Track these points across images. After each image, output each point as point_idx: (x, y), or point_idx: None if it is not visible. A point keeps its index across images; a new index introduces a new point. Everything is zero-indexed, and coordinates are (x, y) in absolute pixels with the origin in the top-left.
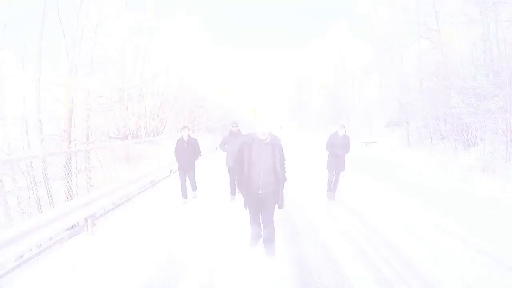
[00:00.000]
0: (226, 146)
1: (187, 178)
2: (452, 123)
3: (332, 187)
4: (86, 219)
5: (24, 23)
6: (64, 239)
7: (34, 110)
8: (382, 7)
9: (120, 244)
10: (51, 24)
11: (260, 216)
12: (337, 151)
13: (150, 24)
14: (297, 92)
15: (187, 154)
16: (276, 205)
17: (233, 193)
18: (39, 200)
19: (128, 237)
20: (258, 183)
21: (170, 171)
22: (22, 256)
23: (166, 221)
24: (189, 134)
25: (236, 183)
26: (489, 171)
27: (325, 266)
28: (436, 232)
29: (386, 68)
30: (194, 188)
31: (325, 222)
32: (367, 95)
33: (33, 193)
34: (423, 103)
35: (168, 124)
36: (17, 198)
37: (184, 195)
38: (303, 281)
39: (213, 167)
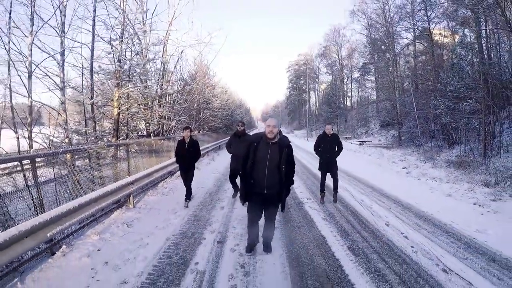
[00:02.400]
0: (231, 147)
1: (185, 181)
2: (435, 123)
3: (324, 188)
4: (128, 195)
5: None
6: (114, 208)
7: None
8: (378, 10)
9: (153, 212)
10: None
11: (263, 213)
12: (328, 155)
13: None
14: (296, 92)
15: (188, 155)
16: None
17: (236, 192)
18: (94, 179)
19: (159, 207)
20: (263, 183)
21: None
22: (93, 216)
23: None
24: (190, 136)
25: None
26: (463, 165)
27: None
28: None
29: (382, 70)
30: (188, 196)
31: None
32: (364, 96)
33: (91, 174)
34: (414, 104)
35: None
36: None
37: (188, 197)
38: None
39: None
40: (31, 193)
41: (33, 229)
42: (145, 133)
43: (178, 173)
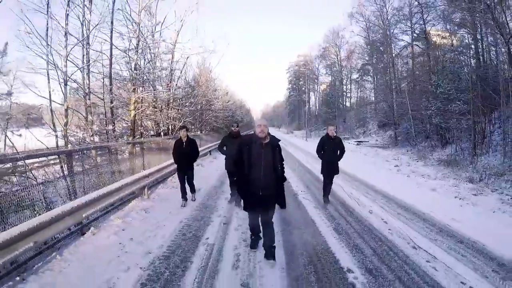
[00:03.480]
0: (225, 148)
1: (186, 180)
2: (430, 124)
3: (327, 191)
4: (143, 187)
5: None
6: (131, 198)
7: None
8: (376, 13)
9: (165, 202)
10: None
11: (260, 218)
12: (331, 158)
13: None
14: (296, 93)
15: (186, 155)
16: (277, 206)
17: (233, 194)
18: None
19: (170, 198)
20: (259, 184)
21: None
22: (112, 205)
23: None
24: (187, 135)
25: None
26: (453, 163)
27: None
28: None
29: (380, 71)
30: (192, 190)
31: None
32: (363, 97)
33: (110, 168)
34: (409, 106)
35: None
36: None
37: (184, 197)
38: None
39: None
40: (66, 182)
41: (72, 210)
42: (151, 133)
43: None
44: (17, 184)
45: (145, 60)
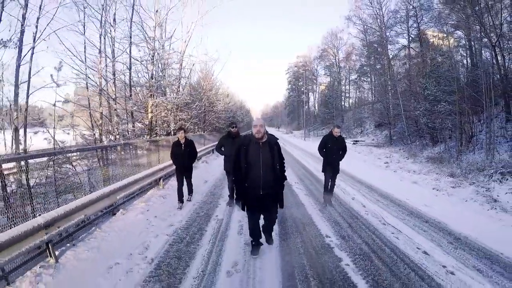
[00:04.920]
0: (223, 149)
1: (185, 181)
2: (425, 124)
3: (328, 190)
4: (159, 178)
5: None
6: (149, 188)
7: None
8: (372, 15)
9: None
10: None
11: (263, 216)
12: (333, 157)
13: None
14: (295, 94)
15: (184, 156)
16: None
17: (231, 197)
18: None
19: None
20: (259, 184)
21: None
22: (131, 194)
23: (202, 181)
24: (185, 136)
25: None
26: (440, 160)
27: None
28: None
29: (376, 73)
30: (190, 191)
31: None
32: (361, 97)
33: (134, 162)
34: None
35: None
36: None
37: (180, 199)
38: None
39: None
40: (102, 171)
41: (110, 193)
42: (163, 132)
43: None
44: (64, 173)
45: (158, 68)
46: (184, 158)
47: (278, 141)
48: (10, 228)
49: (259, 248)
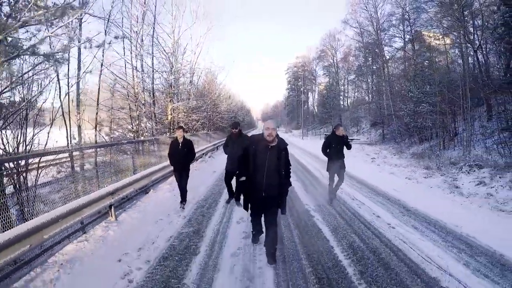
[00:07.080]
0: (228, 147)
1: (180, 183)
2: (409, 123)
3: (333, 189)
4: (163, 176)
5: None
6: (169, 176)
7: None
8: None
9: (193, 179)
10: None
11: (263, 218)
12: (338, 156)
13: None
14: (295, 93)
15: (182, 156)
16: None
17: (230, 196)
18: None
19: (195, 178)
20: (262, 185)
21: (203, 154)
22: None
23: (206, 176)
24: (183, 136)
25: (235, 185)
26: (422, 156)
27: None
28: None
29: (374, 73)
30: (183, 198)
31: None
32: (358, 97)
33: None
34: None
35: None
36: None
37: (184, 199)
38: None
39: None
40: (139, 159)
41: (147, 174)
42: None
43: (201, 158)
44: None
45: (175, 77)
46: (180, 158)
47: (287, 146)
48: (92, 193)
49: (259, 236)
